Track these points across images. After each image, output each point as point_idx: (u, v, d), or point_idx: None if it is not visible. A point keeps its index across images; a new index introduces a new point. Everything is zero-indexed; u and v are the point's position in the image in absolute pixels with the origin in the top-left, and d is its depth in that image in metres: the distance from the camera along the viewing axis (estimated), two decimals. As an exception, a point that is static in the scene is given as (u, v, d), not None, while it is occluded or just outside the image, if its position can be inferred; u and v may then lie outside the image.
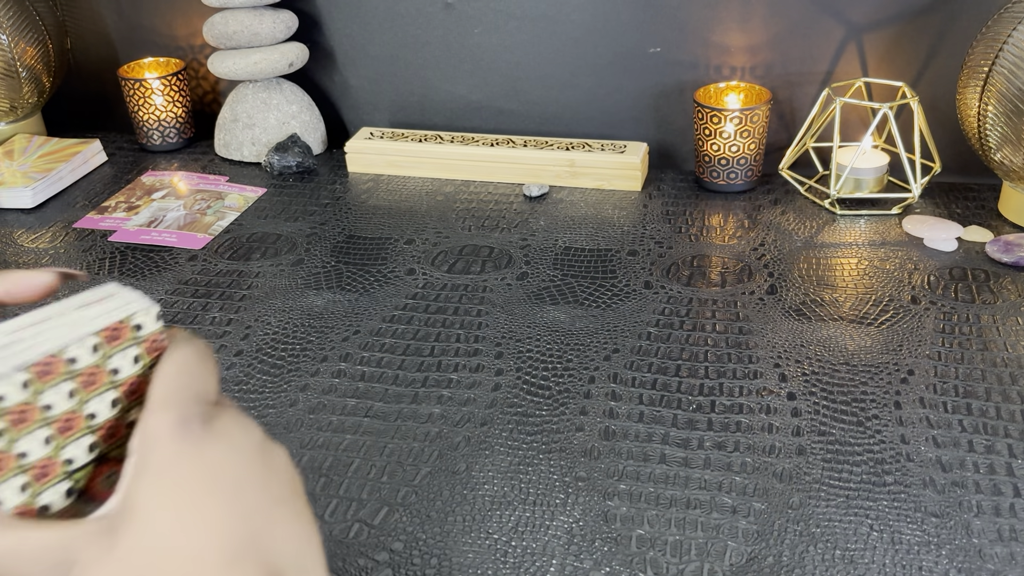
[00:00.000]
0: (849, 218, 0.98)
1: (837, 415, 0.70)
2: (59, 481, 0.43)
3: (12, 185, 1.09)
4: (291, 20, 1.15)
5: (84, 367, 0.42)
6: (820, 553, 0.59)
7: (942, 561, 0.58)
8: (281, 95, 1.17)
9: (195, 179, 1.14)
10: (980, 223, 0.95)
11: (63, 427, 0.42)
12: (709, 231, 0.97)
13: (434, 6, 1.13)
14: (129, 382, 0.43)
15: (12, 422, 0.41)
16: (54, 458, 0.42)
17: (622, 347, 0.79)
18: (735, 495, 0.64)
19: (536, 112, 1.16)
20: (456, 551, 0.60)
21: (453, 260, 0.94)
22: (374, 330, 0.83)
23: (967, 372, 0.74)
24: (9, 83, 1.18)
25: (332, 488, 0.66)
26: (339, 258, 0.95)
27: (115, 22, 1.28)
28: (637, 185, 1.06)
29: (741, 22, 1.05)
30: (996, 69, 0.88)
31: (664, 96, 1.11)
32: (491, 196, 1.07)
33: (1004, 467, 0.65)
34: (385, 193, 1.09)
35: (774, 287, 0.87)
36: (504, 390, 0.75)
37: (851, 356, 0.77)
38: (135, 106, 1.20)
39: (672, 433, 0.69)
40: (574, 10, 1.09)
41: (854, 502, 0.62)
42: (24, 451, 0.41)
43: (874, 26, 1.03)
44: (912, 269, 0.88)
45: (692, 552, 0.59)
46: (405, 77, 1.19)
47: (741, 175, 1.03)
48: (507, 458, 0.68)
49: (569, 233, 0.98)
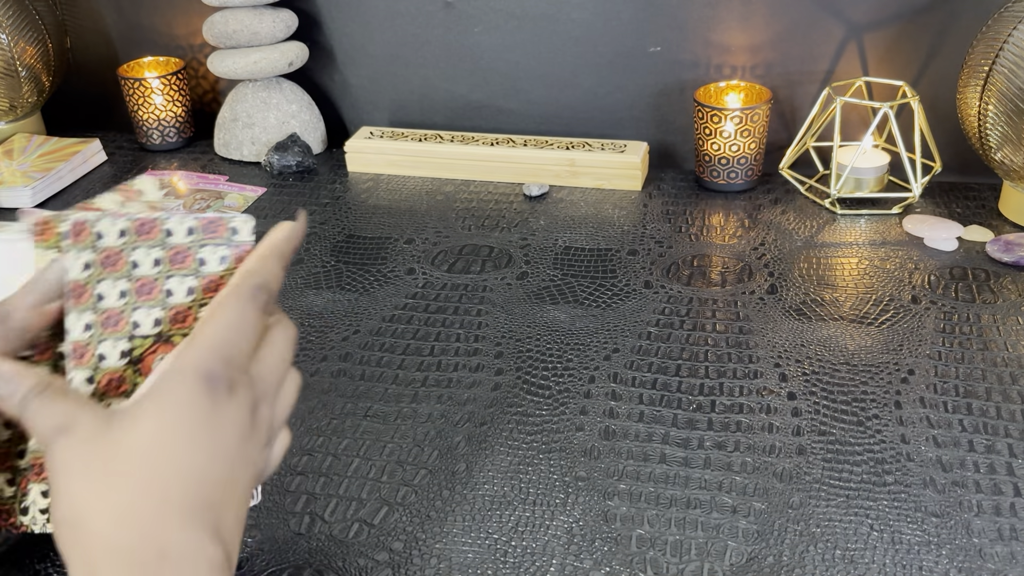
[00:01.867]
0: (849, 217, 0.98)
1: (837, 415, 0.70)
2: (120, 338, 0.45)
3: (12, 184, 1.09)
4: (291, 19, 1.15)
5: (176, 243, 0.44)
6: (820, 553, 0.59)
7: (942, 561, 0.58)
8: (281, 94, 1.17)
9: (195, 178, 1.14)
10: (980, 223, 0.95)
11: (140, 289, 0.44)
12: (709, 231, 0.97)
13: (434, 5, 1.13)
14: (210, 277, 0.45)
15: (101, 261, 0.43)
16: (124, 313, 0.45)
17: (622, 347, 0.79)
18: (735, 495, 0.63)
19: (536, 111, 1.16)
20: (456, 551, 0.60)
21: (453, 260, 0.94)
22: (374, 330, 0.83)
23: (967, 372, 0.74)
24: (9, 82, 1.18)
25: (332, 488, 0.66)
26: (339, 258, 0.95)
27: (115, 21, 1.28)
28: (637, 185, 1.06)
29: (741, 21, 1.05)
30: (996, 68, 0.88)
31: (664, 95, 1.11)
32: (491, 196, 1.07)
33: (1004, 467, 0.65)
34: (385, 193, 1.09)
35: (774, 287, 0.87)
36: (504, 390, 0.75)
37: (851, 356, 0.77)
38: (135, 105, 1.20)
39: (672, 433, 0.69)
40: (574, 9, 1.09)
41: (854, 502, 0.62)
42: (101, 294, 0.44)
43: (874, 25, 1.03)
44: (912, 269, 0.88)
45: (692, 552, 0.59)
46: (405, 76, 1.19)
47: (741, 174, 1.03)
48: (507, 458, 0.68)
49: (569, 233, 0.98)
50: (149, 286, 0.44)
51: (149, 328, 0.46)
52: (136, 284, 0.44)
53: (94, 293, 0.44)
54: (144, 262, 0.44)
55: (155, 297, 0.45)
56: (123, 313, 0.45)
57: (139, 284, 0.44)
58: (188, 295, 0.45)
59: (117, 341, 0.45)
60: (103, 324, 0.45)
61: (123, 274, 0.44)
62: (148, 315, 0.46)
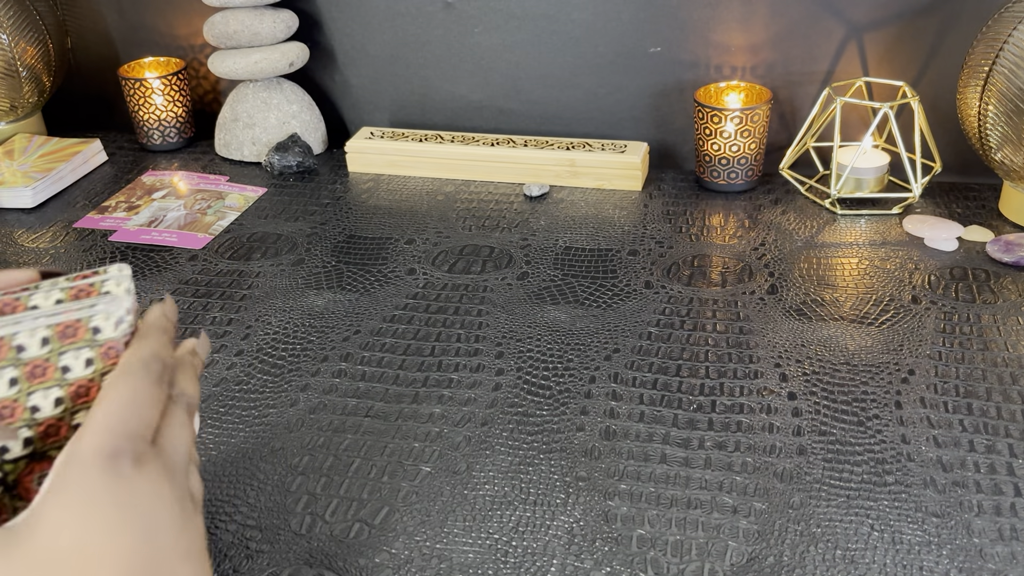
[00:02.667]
0: (850, 218, 0.98)
1: (838, 415, 0.70)
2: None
3: (12, 185, 1.09)
4: (291, 20, 1.15)
5: (31, 357, 0.40)
6: (821, 553, 0.59)
7: (943, 561, 0.58)
8: (281, 95, 1.17)
9: (195, 179, 1.14)
10: (981, 223, 0.95)
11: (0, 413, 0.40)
12: (710, 231, 0.97)
13: (434, 5, 1.13)
14: (78, 383, 0.41)
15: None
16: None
17: (623, 347, 0.79)
18: (736, 495, 0.64)
19: (536, 112, 1.16)
20: (456, 551, 0.60)
21: (453, 260, 0.94)
22: (374, 330, 0.83)
23: (968, 372, 0.74)
24: (9, 83, 1.18)
25: (332, 488, 0.66)
26: (339, 258, 0.95)
27: (115, 21, 1.28)
28: (637, 185, 1.06)
29: (741, 21, 1.05)
30: (996, 69, 0.88)
31: (664, 96, 1.11)
32: (491, 196, 1.07)
33: (1005, 467, 0.65)
34: (385, 193, 1.09)
35: (775, 287, 0.87)
36: (505, 390, 0.75)
37: (852, 356, 0.77)
38: (135, 106, 1.20)
39: (673, 433, 0.69)
40: (574, 9, 1.09)
41: (855, 502, 0.62)
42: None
43: (875, 25, 1.03)
44: (913, 269, 0.88)
45: (693, 552, 0.59)
46: (405, 77, 1.19)
47: (741, 175, 1.03)
48: (507, 458, 0.68)
49: (569, 233, 0.98)
50: (11, 409, 0.41)
51: (19, 450, 0.42)
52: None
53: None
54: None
55: (19, 417, 0.41)
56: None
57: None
58: (56, 406, 0.41)
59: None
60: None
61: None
62: (16, 436, 0.41)
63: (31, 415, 0.41)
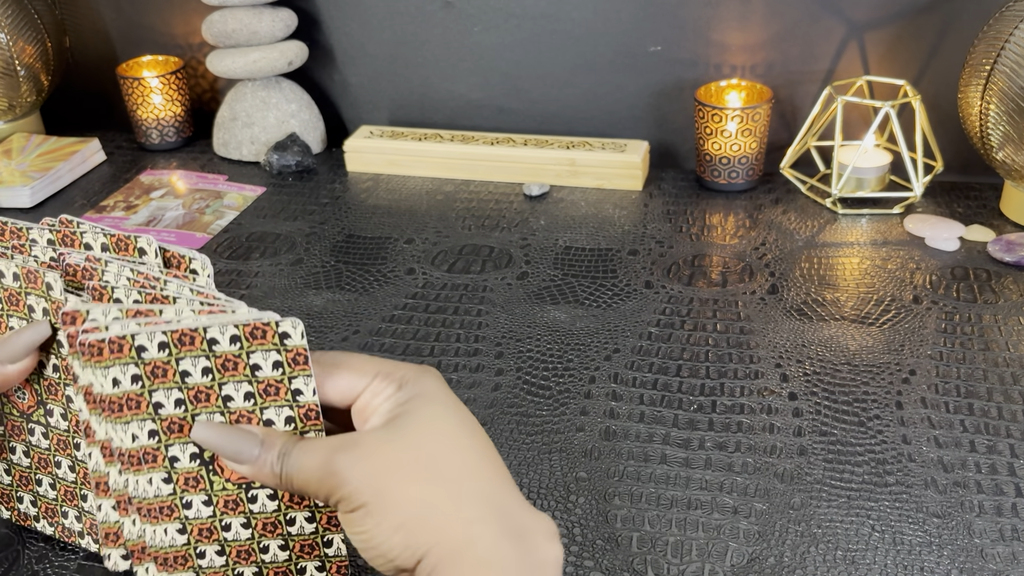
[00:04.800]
0: (851, 217, 0.97)
1: (839, 415, 0.70)
2: (188, 442, 0.47)
3: (10, 184, 1.09)
4: (290, 18, 1.15)
5: (223, 351, 0.45)
6: (821, 554, 0.59)
7: (944, 562, 0.58)
8: (280, 94, 1.17)
9: (194, 178, 1.14)
10: (982, 222, 0.95)
11: (196, 396, 0.46)
12: (710, 230, 0.97)
13: (434, 4, 1.13)
14: (267, 381, 0.46)
15: (148, 373, 0.45)
16: (185, 419, 0.46)
17: (623, 347, 0.79)
18: (736, 495, 0.63)
19: (536, 111, 1.16)
20: (456, 552, 0.60)
21: (453, 259, 0.94)
22: (374, 330, 0.83)
23: (969, 372, 0.74)
24: (7, 82, 1.18)
25: (331, 488, 0.65)
26: (338, 257, 0.95)
27: (114, 20, 1.28)
28: (638, 184, 1.06)
29: (742, 20, 1.05)
30: (998, 68, 0.87)
31: (665, 95, 1.11)
32: (491, 195, 1.06)
33: (1006, 467, 0.65)
34: (385, 192, 1.09)
35: (775, 287, 0.86)
36: (504, 390, 0.75)
37: (852, 356, 0.76)
38: (134, 105, 1.20)
39: (673, 433, 0.69)
40: (574, 8, 1.09)
41: (855, 502, 0.62)
42: (159, 402, 0.46)
43: (875, 24, 1.03)
44: (914, 269, 0.88)
45: (693, 552, 0.59)
46: (405, 75, 1.18)
47: (742, 174, 1.03)
48: (507, 458, 0.67)
49: (569, 232, 0.98)
50: (205, 394, 0.46)
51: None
52: (191, 393, 0.46)
53: (151, 401, 0.45)
54: (193, 373, 0.46)
55: (214, 403, 0.46)
56: (185, 419, 0.46)
57: (193, 393, 0.46)
58: (246, 400, 0.47)
59: (186, 446, 0.47)
60: (167, 431, 0.46)
61: (174, 384, 0.46)
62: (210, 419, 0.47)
63: (225, 404, 0.47)
